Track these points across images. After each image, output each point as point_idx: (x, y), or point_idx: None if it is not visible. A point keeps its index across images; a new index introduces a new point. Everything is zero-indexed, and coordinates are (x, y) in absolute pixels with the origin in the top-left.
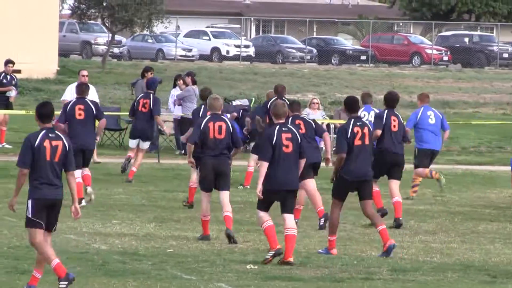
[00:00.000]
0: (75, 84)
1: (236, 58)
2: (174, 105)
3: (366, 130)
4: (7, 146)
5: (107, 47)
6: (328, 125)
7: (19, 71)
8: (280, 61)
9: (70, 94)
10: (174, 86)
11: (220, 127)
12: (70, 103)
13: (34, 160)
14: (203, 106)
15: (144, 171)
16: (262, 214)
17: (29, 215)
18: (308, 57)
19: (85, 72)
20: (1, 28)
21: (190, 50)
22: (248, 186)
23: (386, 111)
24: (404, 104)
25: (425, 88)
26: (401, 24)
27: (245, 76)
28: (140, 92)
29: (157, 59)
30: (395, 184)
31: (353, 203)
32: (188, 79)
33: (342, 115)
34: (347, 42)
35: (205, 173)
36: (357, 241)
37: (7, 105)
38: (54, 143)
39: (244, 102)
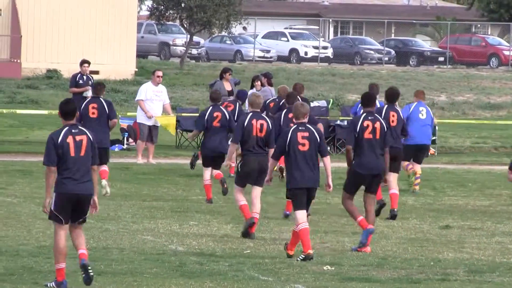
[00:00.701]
0: (148, 83)
1: (314, 59)
2: None
3: (377, 124)
4: None
5: (185, 48)
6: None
7: (97, 72)
8: (358, 62)
9: (144, 94)
10: (252, 87)
11: (261, 125)
12: (85, 102)
13: (58, 157)
14: (211, 107)
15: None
16: (298, 214)
17: (52, 208)
18: (386, 59)
19: (160, 73)
20: (79, 29)
21: (268, 51)
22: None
23: (386, 106)
24: (482, 105)
25: (502, 89)
26: (479, 25)
27: (323, 78)
28: None
29: (235, 61)
30: (393, 177)
31: (431, 205)
32: (264, 80)
33: None
34: (425, 44)
35: (248, 170)
36: (434, 242)
37: None
38: (78, 138)
39: (322, 103)
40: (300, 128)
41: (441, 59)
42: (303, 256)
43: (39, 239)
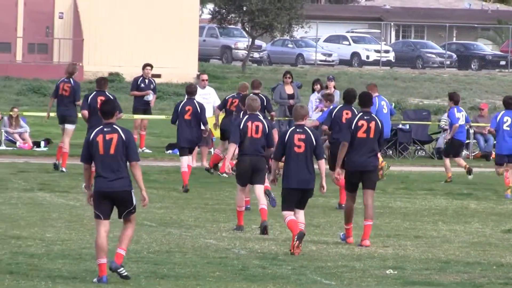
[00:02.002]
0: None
1: (376, 63)
2: (313, 110)
3: (372, 124)
4: (147, 150)
5: (247, 52)
6: (468, 130)
7: (159, 76)
8: (420, 66)
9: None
10: (313, 91)
11: (257, 127)
12: (92, 95)
13: (91, 154)
14: (184, 100)
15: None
16: (286, 214)
17: (93, 205)
18: (448, 62)
19: (205, 76)
20: (142, 33)
21: (330, 55)
22: None
23: (341, 105)
24: None
25: None
26: None
27: (385, 81)
28: (278, 97)
29: (297, 64)
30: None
31: (493, 209)
32: (332, 84)
33: (479, 120)
34: (486, 47)
35: (243, 170)
36: (496, 246)
37: (146, 110)
38: (108, 136)
39: None
40: (297, 130)
41: (502, 63)
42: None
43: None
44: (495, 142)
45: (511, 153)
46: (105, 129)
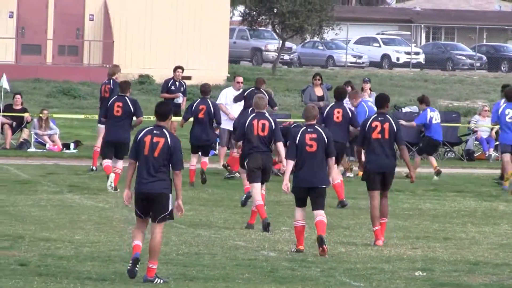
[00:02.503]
0: (230, 88)
1: (406, 65)
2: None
3: (386, 125)
4: None
5: (277, 54)
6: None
7: (189, 78)
8: (450, 68)
9: (224, 98)
10: None
11: (263, 125)
12: (111, 100)
13: (137, 152)
14: (198, 100)
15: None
16: (297, 211)
17: (134, 204)
18: (478, 64)
19: (240, 79)
20: (171, 35)
21: (360, 57)
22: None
23: (332, 104)
24: None
25: None
26: None
27: (415, 83)
28: (308, 99)
29: (327, 66)
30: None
31: None
32: (368, 86)
33: None
34: None
35: (254, 166)
36: None
37: (176, 112)
38: (156, 139)
39: (414, 109)
40: (308, 129)
41: None
42: (295, 250)
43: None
44: None
45: None
46: (154, 131)
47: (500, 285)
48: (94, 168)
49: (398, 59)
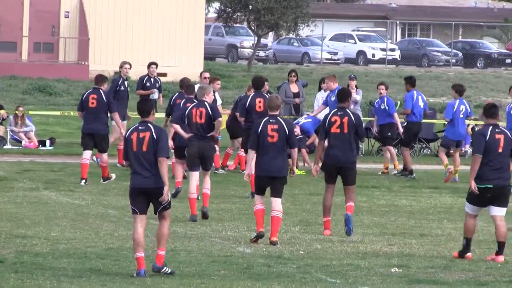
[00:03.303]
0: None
1: (381, 61)
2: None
3: (345, 120)
4: None
5: (252, 51)
6: (473, 127)
7: (164, 75)
8: (426, 64)
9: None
10: (319, 89)
11: (201, 113)
12: (87, 93)
13: (127, 151)
14: (177, 94)
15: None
16: (256, 197)
17: (130, 201)
18: (454, 61)
19: (206, 74)
20: (147, 32)
21: (335, 54)
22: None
23: (253, 93)
24: None
25: None
26: None
27: (391, 80)
28: (283, 95)
29: (302, 63)
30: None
31: None
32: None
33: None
34: (492, 46)
35: (189, 153)
36: None
37: None
38: (142, 134)
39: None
40: (271, 120)
41: (508, 61)
42: (255, 234)
43: (107, 241)
44: None
45: (461, 139)
46: (139, 127)
47: (476, 282)
48: (120, 165)
49: (373, 55)
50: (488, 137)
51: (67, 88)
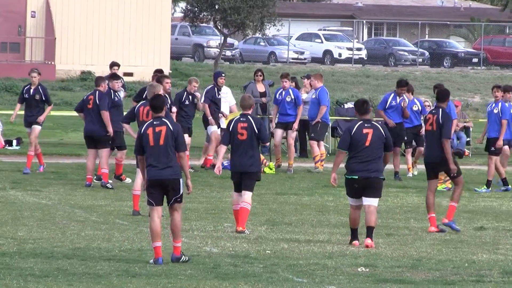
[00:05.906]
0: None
1: (348, 61)
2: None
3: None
4: None
5: (219, 50)
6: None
7: (131, 74)
8: (392, 63)
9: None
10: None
11: (148, 111)
12: (87, 95)
13: (142, 146)
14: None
15: None
16: (233, 196)
17: (146, 193)
18: (420, 60)
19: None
20: (113, 31)
21: (302, 53)
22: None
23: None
24: None
25: None
26: None
27: (357, 79)
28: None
29: (269, 62)
30: None
31: (466, 206)
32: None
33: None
34: (459, 45)
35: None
36: (468, 243)
37: None
38: (157, 129)
39: None
40: (241, 119)
41: (475, 60)
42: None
43: (74, 241)
44: (468, 139)
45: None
46: (154, 123)
47: (443, 281)
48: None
49: (340, 55)
50: (354, 132)
51: None
